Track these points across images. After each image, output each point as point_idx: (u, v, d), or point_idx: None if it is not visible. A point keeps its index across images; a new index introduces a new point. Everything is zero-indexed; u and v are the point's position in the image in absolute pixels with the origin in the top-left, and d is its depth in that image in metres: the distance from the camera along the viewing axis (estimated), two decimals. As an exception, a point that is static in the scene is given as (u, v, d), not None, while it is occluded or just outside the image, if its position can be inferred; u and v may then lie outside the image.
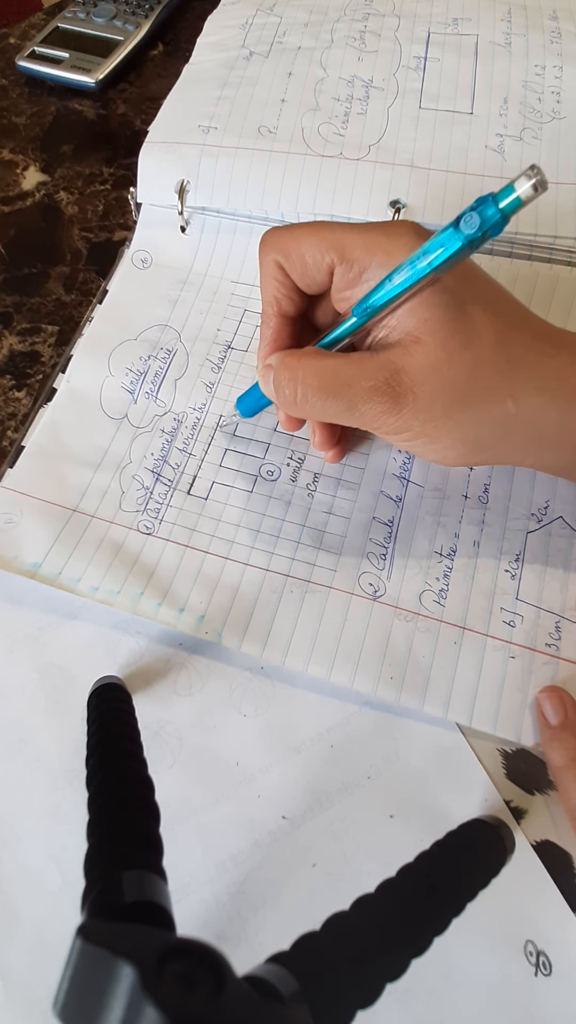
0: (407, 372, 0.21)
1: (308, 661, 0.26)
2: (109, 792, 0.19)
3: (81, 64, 0.44)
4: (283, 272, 0.24)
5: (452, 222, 0.19)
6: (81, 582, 0.27)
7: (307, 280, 0.24)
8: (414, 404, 0.22)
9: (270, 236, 0.24)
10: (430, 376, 0.21)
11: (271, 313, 0.25)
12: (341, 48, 0.38)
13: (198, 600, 0.27)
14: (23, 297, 0.36)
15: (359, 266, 0.23)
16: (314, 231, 0.23)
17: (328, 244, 0.23)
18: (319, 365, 0.23)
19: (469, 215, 0.18)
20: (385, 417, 0.22)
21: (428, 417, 0.22)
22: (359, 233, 0.23)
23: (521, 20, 0.39)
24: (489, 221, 0.18)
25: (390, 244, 0.22)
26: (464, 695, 0.25)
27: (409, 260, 0.20)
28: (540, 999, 0.21)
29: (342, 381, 0.22)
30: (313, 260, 0.23)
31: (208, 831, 0.24)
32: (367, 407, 0.22)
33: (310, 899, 0.23)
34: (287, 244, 0.24)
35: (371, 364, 0.22)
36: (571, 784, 0.23)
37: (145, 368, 0.32)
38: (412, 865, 0.19)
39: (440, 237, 0.19)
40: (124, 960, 0.12)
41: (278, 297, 0.25)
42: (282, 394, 0.23)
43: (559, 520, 0.28)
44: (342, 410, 0.22)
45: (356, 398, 0.22)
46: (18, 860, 0.23)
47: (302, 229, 0.24)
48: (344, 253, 0.23)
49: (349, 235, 0.23)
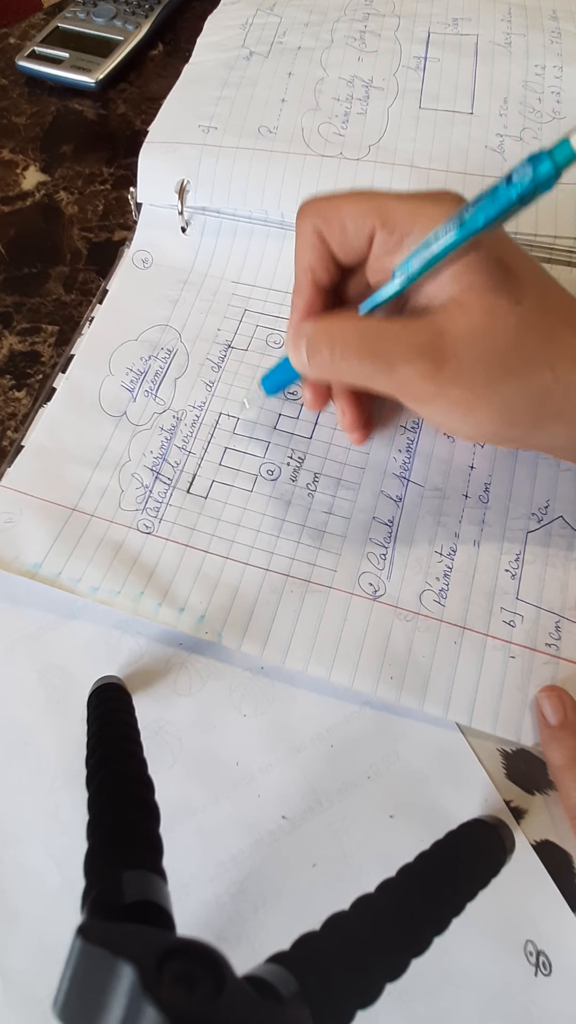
0: (450, 335, 0.21)
1: (308, 661, 0.26)
2: (109, 792, 0.19)
3: (81, 64, 0.44)
4: (321, 239, 0.24)
5: (503, 178, 0.18)
6: (81, 582, 0.27)
7: (346, 247, 0.23)
8: (455, 368, 0.21)
9: (309, 202, 0.24)
10: (474, 340, 0.21)
11: (305, 282, 0.24)
12: (341, 48, 0.38)
13: (198, 600, 0.27)
14: (23, 297, 0.36)
15: (401, 232, 0.22)
16: (355, 197, 0.23)
17: (370, 209, 0.22)
18: (359, 325, 0.22)
19: (522, 167, 0.18)
20: (423, 381, 0.21)
21: (468, 384, 0.21)
22: (402, 200, 0.22)
23: (521, 20, 0.39)
24: (542, 175, 0.17)
25: (434, 209, 0.21)
26: (464, 695, 0.25)
27: (457, 215, 0.20)
28: (540, 999, 0.21)
29: (382, 341, 0.21)
30: (354, 225, 0.23)
31: (208, 831, 0.24)
32: (407, 369, 0.21)
33: (310, 899, 0.23)
34: (327, 209, 0.23)
35: (414, 325, 0.21)
36: (571, 784, 0.23)
37: (145, 368, 0.32)
38: (412, 865, 0.19)
39: (490, 193, 0.19)
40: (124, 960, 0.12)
41: (314, 265, 0.24)
42: (318, 356, 0.23)
43: (559, 520, 0.28)
44: (379, 370, 0.22)
45: (396, 359, 0.21)
46: (18, 860, 0.23)
47: (343, 195, 0.23)
48: (386, 218, 0.22)
49: (391, 201, 0.22)
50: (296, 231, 0.24)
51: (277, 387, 0.29)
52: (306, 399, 0.27)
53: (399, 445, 0.30)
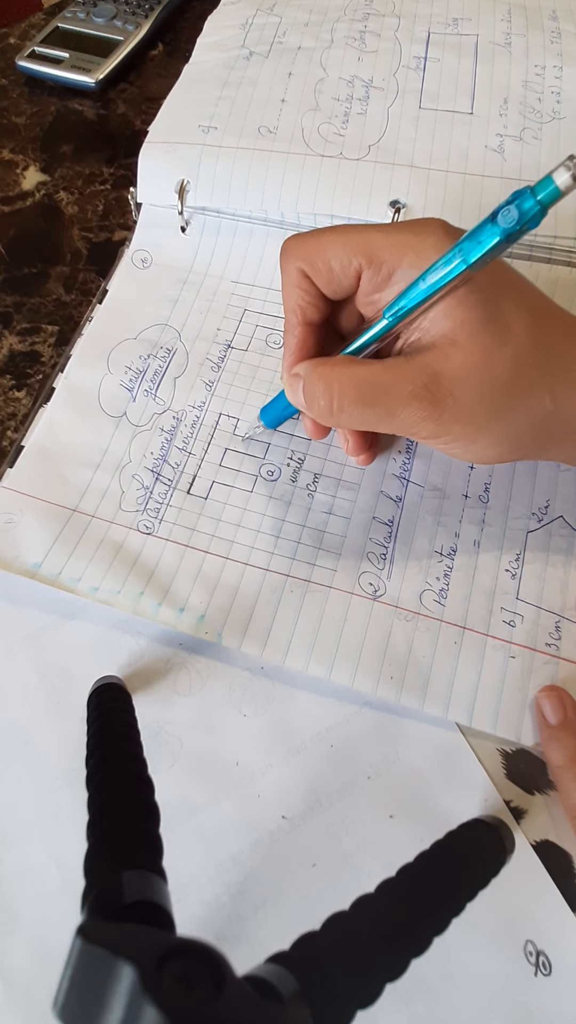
0: (445, 375, 0.21)
1: (308, 661, 0.26)
2: (109, 792, 0.19)
3: (81, 64, 0.44)
4: (307, 280, 0.24)
5: (488, 216, 0.18)
6: (81, 582, 0.27)
7: (333, 286, 0.23)
8: (454, 408, 0.21)
9: (292, 244, 0.24)
10: (470, 378, 0.21)
11: (295, 322, 0.24)
12: (341, 48, 0.38)
13: (198, 600, 0.27)
14: (23, 297, 0.36)
15: (388, 268, 0.22)
16: (339, 235, 0.23)
17: (355, 248, 0.22)
18: (354, 374, 0.22)
19: (506, 209, 0.18)
20: (424, 423, 0.21)
21: (469, 420, 0.21)
22: (386, 234, 0.22)
23: (521, 20, 0.39)
24: (528, 214, 0.17)
25: (420, 244, 0.21)
26: (464, 695, 0.25)
27: (444, 258, 0.20)
28: (540, 999, 0.21)
29: (379, 389, 0.21)
30: (340, 266, 0.22)
31: (208, 831, 0.24)
32: (406, 413, 0.21)
33: (310, 899, 0.23)
34: (311, 251, 0.23)
35: (408, 369, 0.21)
36: (571, 784, 0.23)
37: (144, 367, 0.32)
38: (412, 865, 0.19)
39: (476, 232, 0.19)
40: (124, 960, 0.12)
41: (302, 305, 0.24)
42: (316, 405, 0.23)
43: (559, 519, 0.28)
44: (380, 418, 0.22)
45: (394, 405, 0.21)
46: (18, 860, 0.23)
47: (325, 235, 0.23)
48: (372, 256, 0.22)
49: (376, 237, 0.22)
50: (281, 272, 0.24)
51: (277, 420, 0.29)
52: (307, 428, 0.27)
53: (399, 446, 0.30)
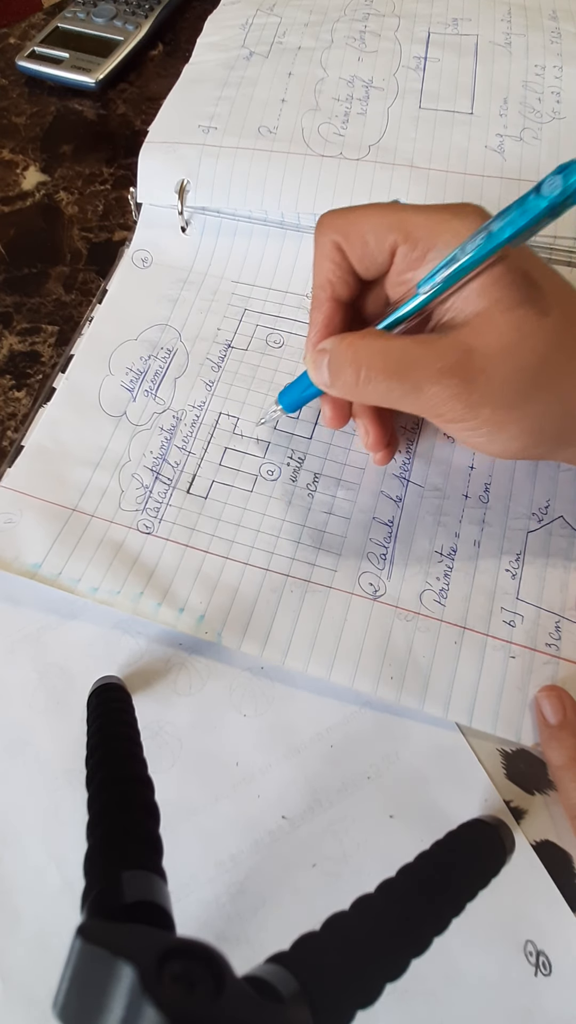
0: (480, 352, 0.20)
1: (308, 661, 0.26)
2: (109, 792, 0.19)
3: (81, 64, 0.44)
4: (341, 253, 0.23)
5: (532, 189, 0.18)
6: (81, 582, 0.27)
7: (367, 262, 0.23)
8: (486, 387, 0.20)
9: (329, 216, 0.23)
10: (503, 358, 0.20)
11: (323, 297, 0.24)
12: (341, 48, 0.38)
13: (198, 600, 0.27)
14: (23, 297, 0.36)
15: (424, 246, 0.22)
16: (376, 211, 0.22)
17: (392, 223, 0.22)
18: (385, 345, 0.21)
19: (552, 179, 0.17)
20: (453, 402, 0.21)
21: (498, 403, 0.21)
22: (424, 213, 0.22)
23: (521, 20, 0.39)
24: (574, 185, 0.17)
25: (458, 223, 0.21)
26: (464, 695, 0.25)
27: (485, 227, 0.19)
28: (540, 999, 0.21)
29: (409, 362, 0.21)
30: (376, 240, 0.22)
31: (208, 831, 0.24)
32: (435, 389, 0.21)
33: (310, 899, 0.23)
34: (348, 224, 0.23)
35: (441, 344, 0.21)
36: (570, 784, 0.23)
37: (145, 368, 0.32)
38: (412, 865, 0.19)
39: (519, 204, 0.18)
40: (124, 960, 0.12)
41: (333, 280, 0.24)
42: (341, 376, 0.22)
43: (560, 520, 0.28)
44: (407, 392, 0.21)
45: (424, 379, 0.21)
46: (18, 860, 0.23)
47: (363, 209, 0.23)
48: (408, 233, 0.22)
49: (413, 215, 0.22)
50: (315, 245, 0.24)
51: (296, 404, 0.28)
52: (326, 416, 0.26)
53: (399, 446, 0.30)
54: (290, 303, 0.34)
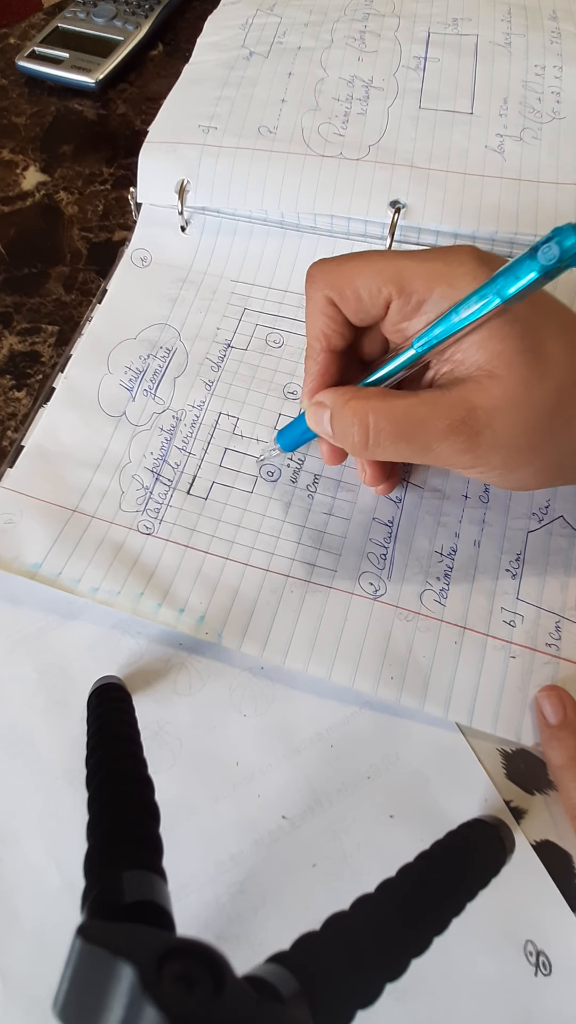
0: (483, 408, 0.20)
1: (308, 661, 0.26)
2: (109, 792, 0.19)
3: (81, 64, 0.44)
4: (334, 308, 0.23)
5: (528, 251, 0.18)
6: (81, 583, 0.27)
7: (360, 315, 0.23)
8: (492, 440, 0.21)
9: (318, 270, 0.23)
10: (508, 411, 0.20)
11: (318, 348, 0.24)
12: (341, 48, 0.38)
13: (198, 600, 0.27)
14: (23, 297, 0.36)
15: (418, 298, 0.22)
16: (368, 263, 0.22)
17: (386, 277, 0.22)
18: (390, 408, 0.21)
19: (547, 245, 0.17)
20: (462, 456, 0.21)
21: (508, 452, 0.21)
22: (418, 263, 0.21)
23: (521, 20, 0.39)
24: (570, 251, 0.17)
25: (451, 274, 0.21)
26: (464, 695, 0.25)
27: (478, 291, 0.19)
28: (540, 999, 0.21)
29: (416, 423, 0.21)
30: (369, 294, 0.22)
31: (208, 831, 0.24)
32: (443, 447, 0.21)
33: (310, 899, 0.23)
34: (339, 279, 0.22)
35: (444, 403, 0.21)
36: (571, 783, 0.23)
37: (144, 367, 0.32)
38: (412, 865, 0.19)
39: (514, 267, 0.18)
40: (124, 960, 0.12)
41: (327, 333, 0.24)
42: (349, 438, 0.22)
43: (560, 519, 0.28)
44: (416, 452, 0.22)
45: (431, 439, 0.21)
46: (18, 860, 0.23)
47: (354, 261, 0.22)
48: (402, 285, 0.21)
49: (407, 265, 0.22)
50: (307, 298, 0.24)
51: (295, 444, 0.28)
52: (324, 454, 0.26)
53: None
54: (290, 302, 0.34)
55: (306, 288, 0.24)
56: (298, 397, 0.31)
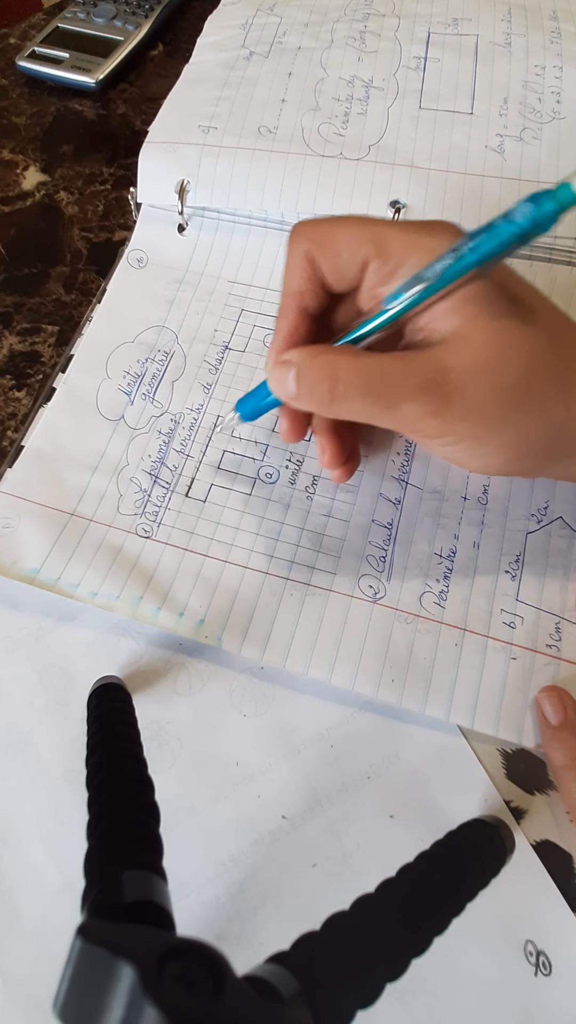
0: (455, 371, 0.20)
1: (308, 664, 0.26)
2: (109, 792, 0.19)
3: (81, 64, 0.44)
4: (313, 264, 0.23)
5: (502, 214, 0.18)
6: (80, 587, 0.27)
7: (338, 274, 0.23)
8: (462, 404, 0.20)
9: (303, 226, 0.23)
10: (481, 375, 0.20)
11: (292, 306, 0.23)
12: (341, 48, 0.38)
13: (197, 604, 0.27)
14: (23, 297, 0.36)
15: (395, 262, 0.21)
16: (351, 223, 0.22)
17: (366, 237, 0.22)
18: (360, 362, 0.21)
19: (523, 205, 0.18)
20: (429, 419, 0.21)
21: (476, 419, 0.21)
22: (399, 228, 0.22)
23: (521, 20, 0.39)
24: (544, 215, 0.17)
25: (431, 241, 0.21)
26: (466, 697, 0.25)
27: (453, 249, 0.19)
28: (540, 999, 0.21)
29: (385, 379, 0.21)
30: (349, 252, 0.22)
31: (208, 831, 0.24)
32: (410, 407, 0.21)
33: (310, 899, 0.23)
34: (322, 235, 0.22)
35: (417, 361, 0.21)
36: (572, 784, 0.23)
37: (142, 371, 0.32)
38: (412, 865, 0.19)
39: (488, 227, 0.18)
40: (124, 960, 0.12)
41: (303, 290, 0.23)
42: (315, 392, 0.22)
43: (559, 520, 0.28)
44: (382, 409, 0.21)
45: (399, 397, 0.21)
46: (18, 860, 0.23)
47: (339, 221, 0.22)
48: (382, 247, 0.21)
49: (388, 229, 0.22)
50: (287, 253, 0.23)
51: (254, 413, 0.27)
52: (282, 429, 0.26)
53: (397, 448, 0.30)
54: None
55: (288, 243, 0.23)
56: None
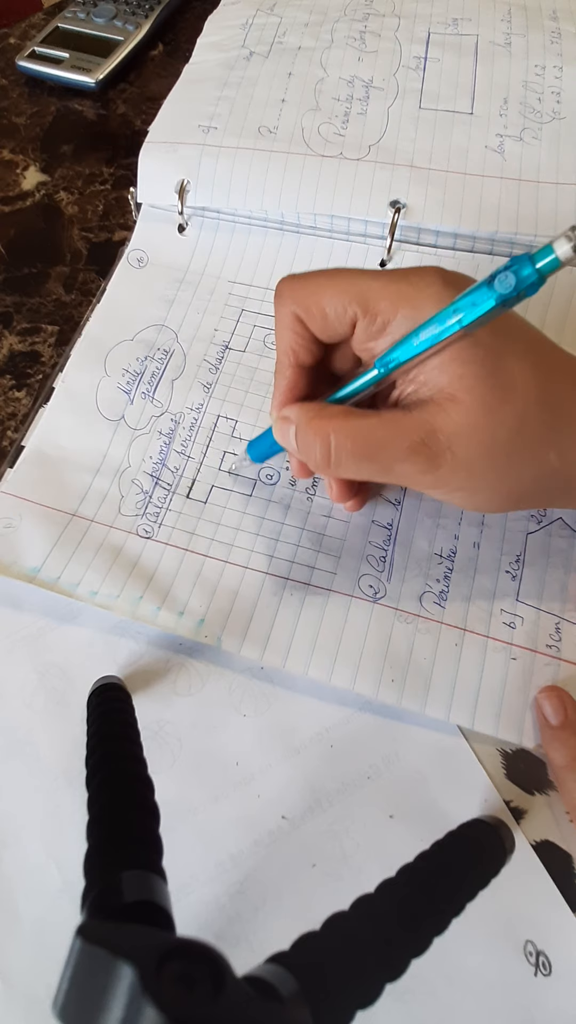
0: (443, 431, 0.21)
1: (308, 664, 0.26)
2: (109, 792, 0.19)
3: (81, 64, 0.44)
4: (301, 324, 0.23)
5: (486, 279, 0.18)
6: (80, 586, 0.27)
7: (327, 332, 0.23)
8: (452, 463, 0.21)
9: (287, 287, 0.23)
10: (468, 435, 0.21)
11: (287, 363, 0.24)
12: (341, 48, 0.38)
13: (197, 604, 0.27)
14: (23, 297, 0.36)
15: (383, 318, 0.22)
16: (334, 282, 0.22)
17: (351, 296, 0.22)
18: (352, 426, 0.22)
19: (504, 274, 0.18)
20: (421, 476, 0.21)
21: (467, 474, 0.21)
22: (383, 283, 0.22)
23: (521, 20, 0.39)
24: (525, 281, 0.17)
25: (417, 295, 0.21)
26: (466, 697, 0.25)
27: (438, 316, 0.19)
28: (540, 999, 0.21)
29: (376, 443, 0.21)
30: (335, 313, 0.22)
31: (208, 831, 0.24)
32: (403, 468, 0.21)
33: (310, 899, 0.23)
34: (306, 296, 0.23)
35: (405, 424, 0.21)
36: (572, 784, 0.23)
37: (142, 369, 0.32)
38: (412, 865, 0.19)
39: (472, 295, 0.18)
40: (124, 960, 0.12)
41: (295, 349, 0.24)
42: (311, 455, 0.22)
43: (559, 521, 0.28)
44: (377, 471, 0.22)
45: (391, 460, 0.21)
46: (18, 860, 0.23)
47: (321, 280, 0.22)
48: (367, 305, 0.22)
49: (372, 285, 0.22)
50: (275, 314, 0.24)
51: (264, 455, 0.28)
52: (293, 468, 0.26)
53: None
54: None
55: (275, 304, 0.24)
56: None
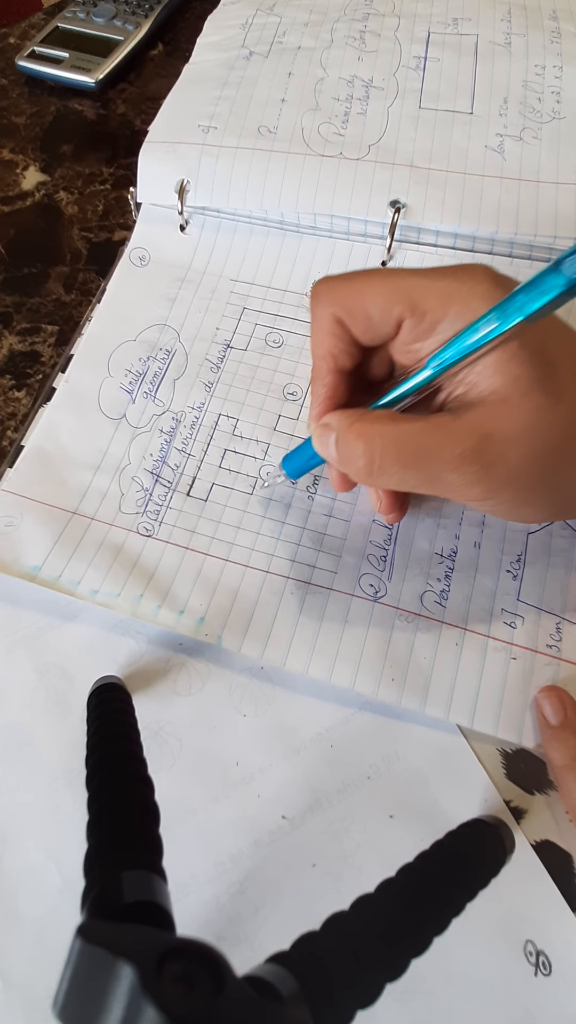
0: (496, 438, 0.19)
1: (309, 663, 0.26)
2: (109, 792, 0.19)
3: (81, 64, 0.44)
4: (342, 327, 0.22)
5: (551, 265, 0.17)
6: (81, 585, 0.27)
7: (370, 334, 0.22)
8: (504, 472, 0.20)
9: (326, 288, 0.22)
10: (522, 442, 0.19)
11: (325, 369, 0.23)
12: (341, 48, 0.38)
13: (198, 602, 0.27)
14: (23, 297, 0.36)
15: (432, 317, 0.20)
16: (379, 281, 0.21)
17: (397, 296, 0.21)
18: (398, 433, 0.20)
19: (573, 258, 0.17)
20: (472, 487, 0.20)
21: (517, 485, 0.20)
22: (431, 281, 0.20)
23: (521, 20, 0.39)
24: None
25: (467, 293, 0.20)
26: (466, 697, 0.25)
27: (498, 308, 0.18)
28: (540, 999, 0.21)
29: (424, 450, 0.20)
30: (379, 313, 0.21)
31: (208, 831, 0.24)
32: (452, 477, 0.20)
33: (310, 899, 0.23)
34: (348, 297, 0.21)
35: (456, 429, 0.20)
36: (572, 784, 0.23)
37: (144, 369, 0.32)
38: (412, 865, 0.19)
39: (536, 282, 0.17)
40: (124, 960, 0.12)
41: (335, 353, 0.22)
42: (353, 464, 0.21)
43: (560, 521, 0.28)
44: (423, 481, 0.20)
45: (441, 469, 0.20)
46: (18, 860, 0.23)
47: (364, 280, 0.21)
48: (415, 305, 0.20)
49: (418, 284, 0.20)
50: (313, 317, 0.22)
51: (301, 471, 0.27)
52: (333, 480, 0.25)
53: None
54: (289, 301, 0.34)
55: (311, 306, 0.23)
56: (297, 398, 0.31)
